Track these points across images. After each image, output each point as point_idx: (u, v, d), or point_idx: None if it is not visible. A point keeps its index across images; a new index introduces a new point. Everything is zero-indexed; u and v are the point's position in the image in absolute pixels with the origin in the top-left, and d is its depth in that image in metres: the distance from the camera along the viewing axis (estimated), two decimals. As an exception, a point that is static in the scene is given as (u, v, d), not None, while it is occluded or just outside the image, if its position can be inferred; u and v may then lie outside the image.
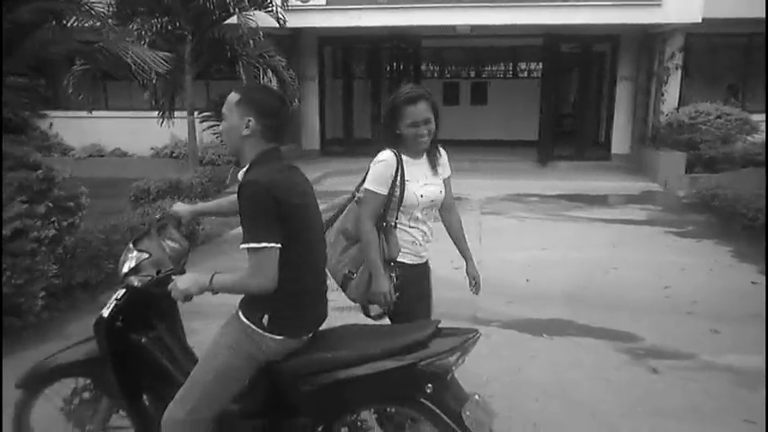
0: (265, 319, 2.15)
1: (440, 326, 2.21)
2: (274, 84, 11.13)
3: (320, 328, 2.29)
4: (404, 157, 2.58)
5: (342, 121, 13.92)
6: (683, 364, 3.93)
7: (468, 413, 2.13)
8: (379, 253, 2.56)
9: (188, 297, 2.18)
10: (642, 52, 12.09)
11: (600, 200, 9.45)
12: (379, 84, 13.99)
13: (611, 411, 3.36)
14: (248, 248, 2.03)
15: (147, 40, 8.30)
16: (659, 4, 10.32)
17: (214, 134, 12.38)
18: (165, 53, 5.55)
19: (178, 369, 2.47)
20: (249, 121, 2.15)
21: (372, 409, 2.41)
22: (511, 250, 6.43)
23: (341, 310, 2.94)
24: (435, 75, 16.60)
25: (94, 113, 10.84)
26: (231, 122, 2.18)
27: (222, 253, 6.37)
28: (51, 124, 12.74)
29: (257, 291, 2.07)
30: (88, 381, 2.67)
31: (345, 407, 2.27)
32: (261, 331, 2.15)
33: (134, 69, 5.35)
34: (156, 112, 10.52)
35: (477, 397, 2.20)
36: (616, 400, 3.48)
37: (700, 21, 10.03)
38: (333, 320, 2.38)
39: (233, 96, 2.18)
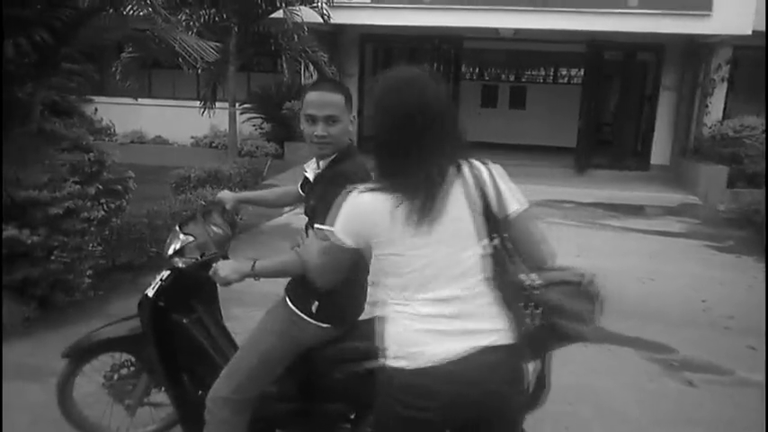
0: (314, 307, 2.20)
1: None
2: (314, 79, 11.28)
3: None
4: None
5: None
6: (717, 379, 3.89)
7: None
8: None
9: (228, 283, 2.23)
10: (687, 63, 11.89)
11: (637, 210, 9.33)
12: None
13: (642, 420, 3.36)
14: (321, 230, 1.86)
15: (195, 31, 8.47)
16: (709, 15, 10.13)
17: (253, 126, 12.64)
18: (215, 43, 5.67)
19: (216, 350, 2.56)
20: (353, 118, 2.21)
21: None
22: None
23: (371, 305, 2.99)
24: (475, 77, 16.55)
25: (138, 101, 11.13)
26: (346, 121, 2.16)
27: (259, 243, 6.49)
28: (96, 109, 13.06)
29: (302, 271, 2.02)
30: (128, 357, 2.79)
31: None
32: (308, 319, 2.21)
33: (182, 58, 5.50)
34: (199, 102, 10.74)
35: None
36: (648, 410, 3.47)
37: (750, 33, 9.83)
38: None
39: (338, 98, 2.13)
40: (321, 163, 2.24)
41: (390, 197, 1.64)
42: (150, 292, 2.51)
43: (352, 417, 2.38)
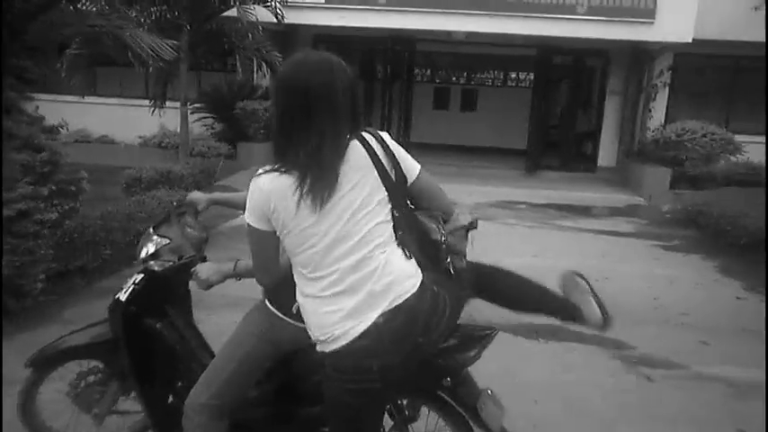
0: (295, 308, 2.18)
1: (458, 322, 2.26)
2: (269, 79, 11.17)
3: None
4: None
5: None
6: (675, 374, 4.04)
7: (482, 407, 2.20)
8: None
9: (210, 285, 2.21)
10: (632, 68, 12.31)
11: (587, 210, 9.60)
12: (372, 85, 14.04)
13: (607, 415, 3.45)
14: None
15: (146, 28, 8.24)
16: (651, 22, 10.52)
17: (204, 126, 12.40)
18: (172, 41, 5.53)
19: (190, 355, 2.50)
20: None
21: None
22: (503, 256, 6.45)
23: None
24: (427, 79, 16.69)
25: (84, 98, 10.71)
26: None
27: (220, 245, 6.34)
28: (38, 107, 12.50)
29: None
30: (94, 364, 2.69)
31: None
32: (289, 320, 2.19)
33: (137, 56, 5.35)
34: (148, 101, 10.45)
35: (489, 391, 2.25)
36: (612, 405, 3.57)
37: (690, 41, 10.26)
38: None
39: None
40: None
41: (286, 176, 1.69)
42: (122, 297, 2.42)
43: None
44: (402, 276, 1.77)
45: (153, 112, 10.26)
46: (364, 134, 1.81)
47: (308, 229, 1.71)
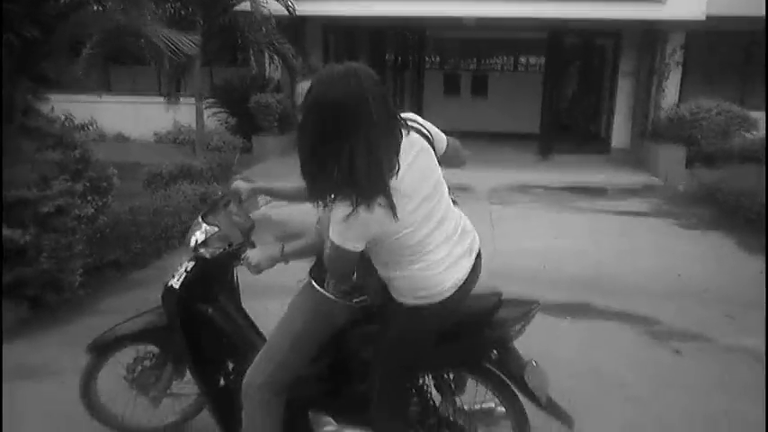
0: (332, 286, 2.27)
1: (502, 297, 2.34)
2: (280, 71, 11.23)
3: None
4: None
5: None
6: (702, 346, 4.11)
7: (529, 377, 2.28)
8: None
9: (260, 270, 2.30)
10: (644, 48, 12.26)
11: (603, 192, 9.62)
12: (383, 73, 14.07)
13: (640, 388, 3.53)
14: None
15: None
16: (662, 1, 10.48)
17: (218, 120, 12.49)
18: (193, 36, 5.61)
19: (242, 337, 2.60)
20: None
21: (431, 375, 2.54)
22: (524, 239, 6.59)
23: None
24: (437, 66, 16.67)
25: (102, 97, 10.84)
26: None
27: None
28: (53, 108, 12.66)
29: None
30: (149, 349, 2.79)
31: (415, 371, 2.40)
32: (335, 298, 2.27)
33: (157, 52, 5.43)
34: (163, 98, 10.54)
35: (534, 363, 2.34)
36: (644, 378, 3.65)
37: (703, 18, 10.20)
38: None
39: None
40: None
41: (378, 205, 1.79)
42: (175, 284, 2.52)
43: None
44: (472, 229, 2.19)
45: (168, 108, 10.37)
46: (407, 121, 1.97)
47: (409, 228, 1.91)
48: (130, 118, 12.79)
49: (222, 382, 2.67)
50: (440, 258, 2.01)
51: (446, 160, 2.13)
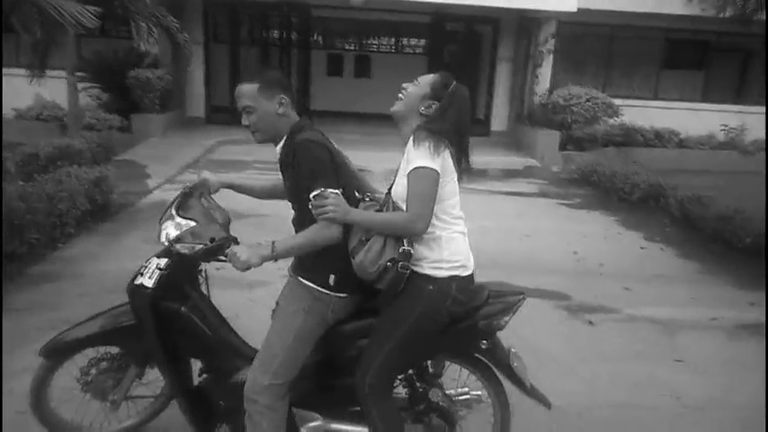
0: (332, 279, 2.26)
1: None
2: (167, 46, 10.58)
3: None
4: None
5: (228, 89, 13.48)
6: (611, 317, 4.53)
7: (515, 364, 2.43)
8: None
9: (248, 267, 2.18)
10: (520, 35, 12.97)
11: (490, 174, 10.12)
12: (268, 51, 13.73)
13: (568, 358, 3.84)
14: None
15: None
16: (539, -8, 11.12)
17: (89, 96, 11.57)
18: (94, 7, 5.16)
19: (215, 334, 2.50)
20: (282, 98, 2.26)
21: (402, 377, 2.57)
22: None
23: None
24: (321, 46, 16.50)
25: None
26: (263, 108, 2.25)
27: (142, 222, 6.11)
28: None
29: (329, 241, 2.16)
30: (106, 351, 2.61)
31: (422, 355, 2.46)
32: (328, 292, 2.26)
33: (29, 21, 4.98)
34: (24, 70, 9.54)
35: (513, 350, 2.49)
36: (569, 349, 3.97)
37: (575, 10, 10.98)
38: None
39: (249, 87, 2.25)
40: (277, 149, 2.33)
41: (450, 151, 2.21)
42: (147, 282, 2.36)
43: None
44: None
45: (31, 81, 9.41)
46: None
47: (455, 183, 2.25)
48: (-17, 92, 11.45)
49: (195, 381, 2.56)
50: (462, 230, 2.31)
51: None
